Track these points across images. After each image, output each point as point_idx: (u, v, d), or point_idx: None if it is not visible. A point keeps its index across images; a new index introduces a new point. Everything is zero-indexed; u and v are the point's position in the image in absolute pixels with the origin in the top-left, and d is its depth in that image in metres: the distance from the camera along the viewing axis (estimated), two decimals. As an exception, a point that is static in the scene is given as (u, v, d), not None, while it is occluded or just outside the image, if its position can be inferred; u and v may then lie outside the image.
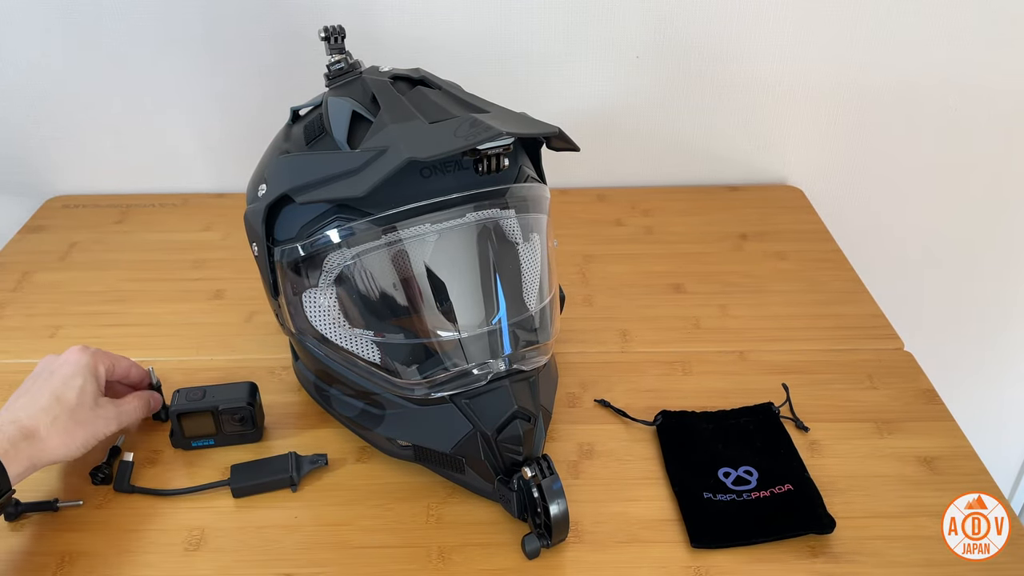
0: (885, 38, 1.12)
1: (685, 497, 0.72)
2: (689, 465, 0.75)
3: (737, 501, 0.72)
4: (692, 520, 0.70)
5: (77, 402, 0.69)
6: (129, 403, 0.75)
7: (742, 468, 0.75)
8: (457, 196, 0.67)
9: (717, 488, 0.73)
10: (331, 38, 0.75)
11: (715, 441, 0.77)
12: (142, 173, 1.21)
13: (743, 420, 0.79)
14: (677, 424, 0.79)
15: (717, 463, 0.75)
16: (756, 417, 0.80)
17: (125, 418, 0.74)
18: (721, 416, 0.80)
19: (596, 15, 1.10)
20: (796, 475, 0.74)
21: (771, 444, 0.77)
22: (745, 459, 0.75)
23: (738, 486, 0.73)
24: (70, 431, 0.68)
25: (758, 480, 0.73)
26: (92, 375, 0.72)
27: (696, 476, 0.74)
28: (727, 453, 0.76)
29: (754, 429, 0.79)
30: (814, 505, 0.71)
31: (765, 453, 0.76)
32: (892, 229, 1.30)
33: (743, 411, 0.81)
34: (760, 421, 0.79)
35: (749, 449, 0.76)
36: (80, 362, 0.72)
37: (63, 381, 0.70)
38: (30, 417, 0.67)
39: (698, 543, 0.69)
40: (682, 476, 0.74)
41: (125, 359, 0.78)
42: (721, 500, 0.72)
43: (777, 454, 0.76)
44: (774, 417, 0.80)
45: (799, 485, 0.73)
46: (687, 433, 0.78)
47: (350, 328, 0.72)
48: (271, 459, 0.75)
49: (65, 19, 1.09)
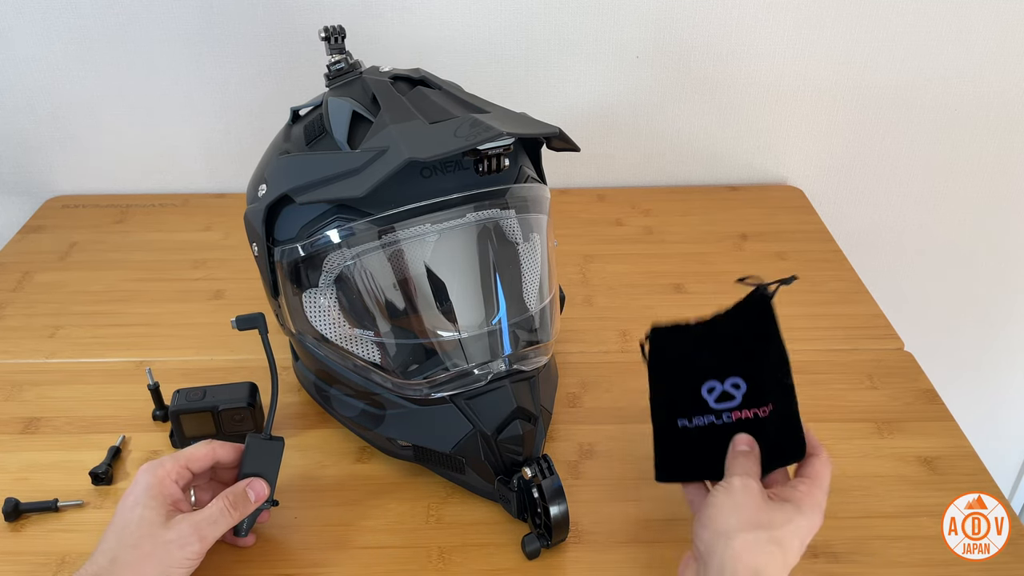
0: (885, 38, 1.13)
1: (659, 430, 0.68)
2: (673, 386, 0.68)
3: (715, 426, 0.67)
4: (660, 454, 0.67)
5: (138, 535, 0.61)
6: (208, 511, 0.64)
7: (729, 381, 0.68)
8: (457, 196, 0.67)
9: (696, 410, 0.67)
10: (331, 38, 0.75)
11: (704, 349, 0.69)
12: (142, 173, 1.21)
13: (736, 321, 0.68)
14: (667, 342, 0.69)
15: (703, 376, 0.68)
16: (749, 311, 0.68)
17: (208, 529, 0.63)
18: (714, 321, 0.69)
19: (596, 15, 1.10)
20: (779, 388, 0.66)
21: (761, 345, 0.68)
22: (734, 368, 0.68)
23: (722, 403, 0.67)
24: (137, 568, 0.60)
25: (744, 396, 0.67)
26: (156, 497, 0.63)
27: (677, 399, 0.68)
28: (714, 362, 0.68)
29: (744, 328, 0.68)
30: (786, 427, 0.65)
31: (754, 358, 0.68)
32: (892, 229, 1.30)
33: (738, 308, 0.69)
34: (752, 315, 0.68)
35: (739, 352, 0.68)
36: (139, 487, 0.64)
37: (122, 515, 0.63)
38: (94, 562, 0.60)
39: (661, 477, 0.67)
40: (661, 402, 0.68)
41: (203, 445, 0.68)
42: (697, 425, 0.67)
43: (765, 357, 0.67)
44: (766, 307, 0.67)
45: (779, 400, 0.66)
46: (676, 346, 0.69)
47: (350, 328, 0.72)
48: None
49: (65, 19, 1.09)
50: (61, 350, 0.92)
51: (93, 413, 0.83)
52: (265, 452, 0.69)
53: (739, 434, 0.65)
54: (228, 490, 0.66)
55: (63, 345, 0.92)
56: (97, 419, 0.82)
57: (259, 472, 0.68)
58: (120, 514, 0.63)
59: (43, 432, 0.81)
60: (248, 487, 0.66)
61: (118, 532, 0.62)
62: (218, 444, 0.68)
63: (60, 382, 0.87)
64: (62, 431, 0.81)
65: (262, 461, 0.69)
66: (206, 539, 0.63)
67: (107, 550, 0.61)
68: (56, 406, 0.84)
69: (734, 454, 0.63)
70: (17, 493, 0.73)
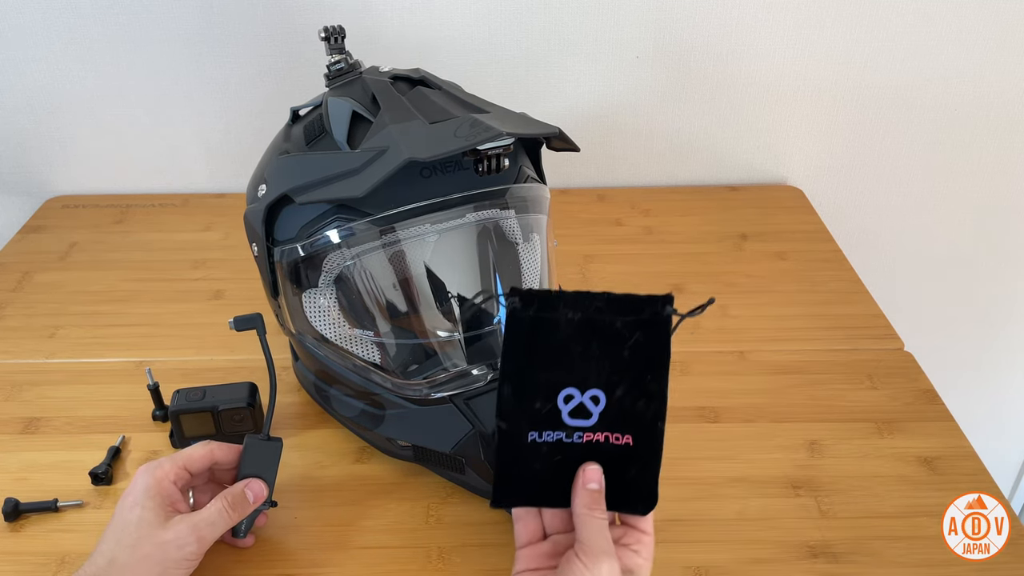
0: (885, 38, 1.12)
1: (506, 441, 0.58)
2: (534, 384, 0.58)
3: (563, 443, 0.58)
4: (504, 472, 0.58)
5: (136, 535, 0.61)
6: (206, 512, 0.64)
7: (589, 393, 0.58)
8: (457, 196, 0.67)
9: (548, 422, 0.58)
10: (331, 38, 0.75)
11: (575, 343, 0.58)
12: (142, 173, 1.21)
13: (619, 319, 0.58)
14: (535, 316, 0.57)
15: (564, 379, 0.58)
16: (635, 314, 0.58)
17: (206, 530, 0.63)
18: (596, 306, 0.58)
19: (596, 15, 1.10)
20: (645, 423, 0.58)
21: (640, 359, 0.58)
22: (598, 378, 0.58)
23: (575, 419, 0.58)
24: (136, 569, 0.60)
25: (601, 415, 0.58)
26: (154, 497, 0.63)
27: (535, 405, 0.58)
28: (580, 364, 0.58)
29: (627, 332, 0.58)
30: (641, 475, 0.58)
31: (627, 371, 0.58)
32: (892, 229, 1.30)
33: (625, 302, 0.58)
34: (641, 321, 0.58)
35: (610, 360, 0.58)
36: (137, 488, 0.64)
37: (121, 516, 0.63)
38: (93, 563, 0.61)
39: (500, 501, 0.59)
40: (514, 404, 0.58)
41: (201, 446, 0.67)
42: (547, 440, 0.58)
43: (642, 379, 0.58)
44: (660, 322, 0.58)
45: (641, 439, 0.58)
46: (545, 328, 0.58)
47: (350, 328, 0.72)
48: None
49: (65, 19, 1.09)
50: (61, 350, 0.92)
51: (93, 413, 0.83)
52: (264, 453, 0.69)
53: (591, 465, 0.57)
54: (226, 491, 0.65)
55: (63, 345, 0.92)
56: (97, 419, 0.82)
57: (258, 473, 0.68)
58: (118, 515, 0.63)
59: (43, 432, 0.81)
60: (247, 488, 0.66)
61: (116, 533, 0.62)
62: (216, 445, 0.68)
63: (60, 382, 0.87)
64: (62, 431, 0.81)
65: (261, 462, 0.68)
66: (204, 540, 0.63)
67: (105, 551, 0.61)
68: (56, 406, 0.84)
69: (584, 491, 0.57)
70: (17, 493, 0.73)
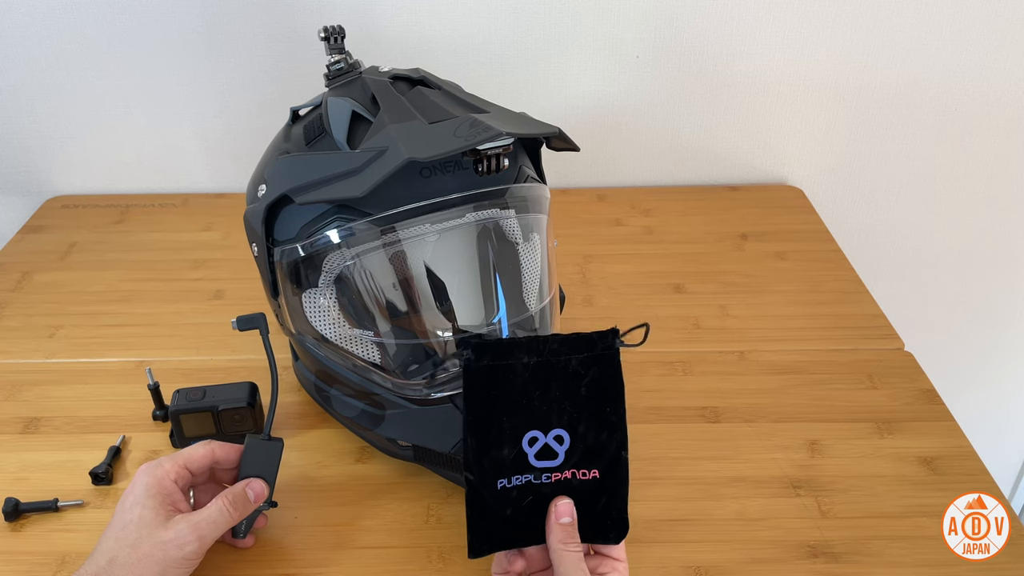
0: (885, 38, 1.12)
1: (475, 492, 0.59)
2: (493, 431, 0.59)
3: (532, 484, 0.60)
4: (477, 522, 0.59)
5: (137, 535, 0.61)
6: (207, 511, 0.63)
7: (552, 433, 0.60)
8: (457, 196, 0.67)
9: (515, 467, 0.59)
10: (331, 38, 0.75)
11: (533, 386, 0.60)
12: (142, 173, 1.21)
13: (573, 358, 0.60)
14: (491, 365, 0.59)
15: (527, 423, 0.59)
16: (589, 350, 0.60)
17: (207, 529, 0.62)
18: (550, 348, 0.60)
19: (596, 15, 1.10)
20: (609, 454, 0.60)
21: (598, 394, 0.60)
22: (560, 417, 0.60)
23: (541, 460, 0.60)
24: (136, 568, 0.60)
25: (567, 453, 0.60)
26: (154, 497, 0.63)
27: (497, 449, 0.59)
28: (541, 407, 0.60)
29: (582, 369, 0.60)
30: (611, 505, 0.61)
31: (586, 407, 0.60)
32: (892, 229, 1.30)
33: (578, 341, 0.60)
34: (594, 358, 0.60)
35: (569, 400, 0.60)
36: (138, 487, 0.64)
37: (121, 515, 0.63)
38: (93, 562, 0.60)
39: (477, 551, 0.60)
40: (480, 454, 0.59)
41: (201, 446, 0.67)
42: (516, 484, 0.59)
43: (601, 412, 0.60)
44: (611, 356, 0.60)
45: (607, 470, 0.60)
46: (502, 377, 0.59)
47: (350, 328, 0.72)
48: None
49: (65, 19, 1.09)
50: (61, 350, 0.92)
51: (93, 413, 0.83)
52: (264, 453, 0.69)
53: (563, 499, 0.60)
54: (227, 490, 0.65)
55: (63, 345, 0.92)
56: (97, 419, 0.82)
57: (258, 473, 0.68)
58: (119, 514, 0.63)
59: (43, 432, 0.81)
60: (247, 487, 0.66)
61: (117, 532, 0.62)
62: (217, 444, 0.68)
63: (60, 382, 0.87)
64: (62, 431, 0.81)
65: (261, 462, 0.69)
66: (205, 539, 0.62)
67: (106, 550, 0.61)
68: (56, 406, 0.84)
69: (557, 526, 0.59)
70: (17, 493, 0.73)
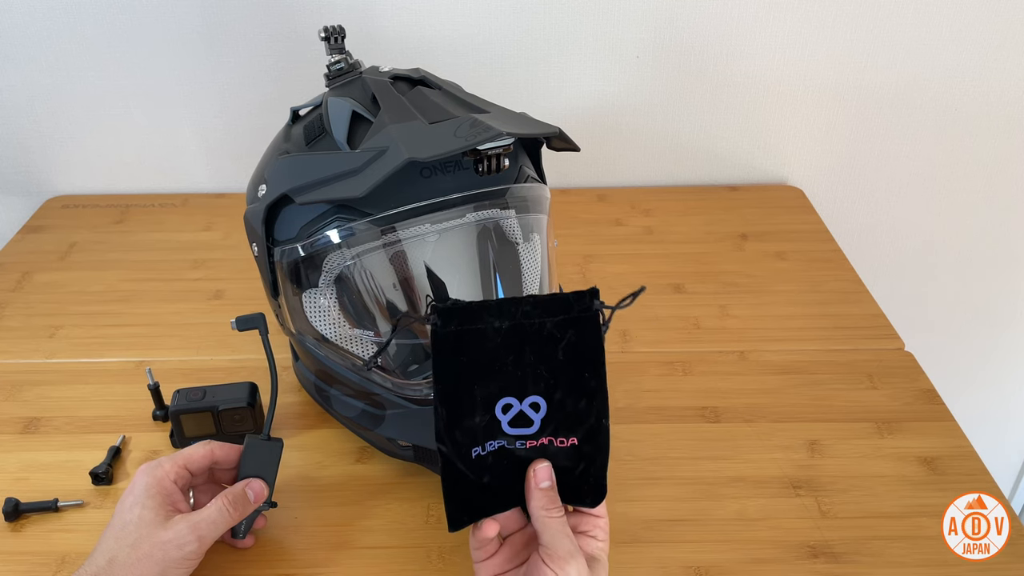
0: (885, 38, 1.12)
1: (450, 463, 0.57)
2: (464, 400, 0.57)
3: (505, 449, 0.58)
4: (453, 495, 0.58)
5: (136, 535, 0.61)
6: (206, 511, 0.63)
7: (528, 400, 0.57)
8: (457, 196, 0.67)
9: (488, 434, 0.57)
10: (331, 38, 0.75)
11: (506, 352, 0.57)
12: (142, 173, 1.21)
13: (548, 321, 0.57)
14: (458, 330, 0.56)
15: (500, 390, 0.57)
16: (565, 312, 0.57)
17: (206, 529, 0.62)
18: (523, 311, 0.57)
19: (596, 15, 1.10)
20: (589, 423, 0.58)
21: (575, 358, 0.57)
22: (536, 384, 0.57)
23: (515, 428, 0.58)
24: (135, 568, 0.60)
25: (543, 420, 0.58)
26: (154, 497, 0.63)
27: (473, 420, 0.57)
28: (515, 373, 0.57)
29: (558, 332, 0.57)
30: (588, 472, 0.59)
31: (564, 373, 0.57)
32: (892, 229, 1.30)
33: (553, 303, 0.57)
34: (571, 320, 0.57)
35: (545, 365, 0.57)
36: (137, 487, 0.64)
37: (121, 515, 0.63)
38: (93, 563, 0.60)
39: (457, 524, 0.58)
40: (452, 423, 0.57)
41: (201, 446, 0.67)
42: (489, 451, 0.58)
43: (580, 378, 0.58)
44: (590, 318, 0.57)
45: (586, 438, 0.58)
46: (471, 342, 0.56)
47: (350, 328, 0.72)
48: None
49: (65, 19, 1.09)
50: (61, 350, 0.92)
51: (93, 413, 0.83)
52: (264, 453, 0.69)
53: (541, 463, 0.59)
54: (227, 490, 0.65)
55: (63, 345, 0.92)
56: (97, 419, 0.82)
57: (258, 473, 0.68)
58: (118, 514, 0.63)
59: (43, 432, 0.81)
60: (247, 487, 0.66)
61: (116, 532, 0.62)
62: (216, 444, 0.68)
63: (60, 382, 0.87)
64: (62, 431, 0.81)
65: (261, 462, 0.68)
66: (204, 539, 0.62)
67: (106, 550, 0.61)
68: (56, 406, 0.84)
69: (538, 491, 0.58)
70: (17, 493, 0.73)
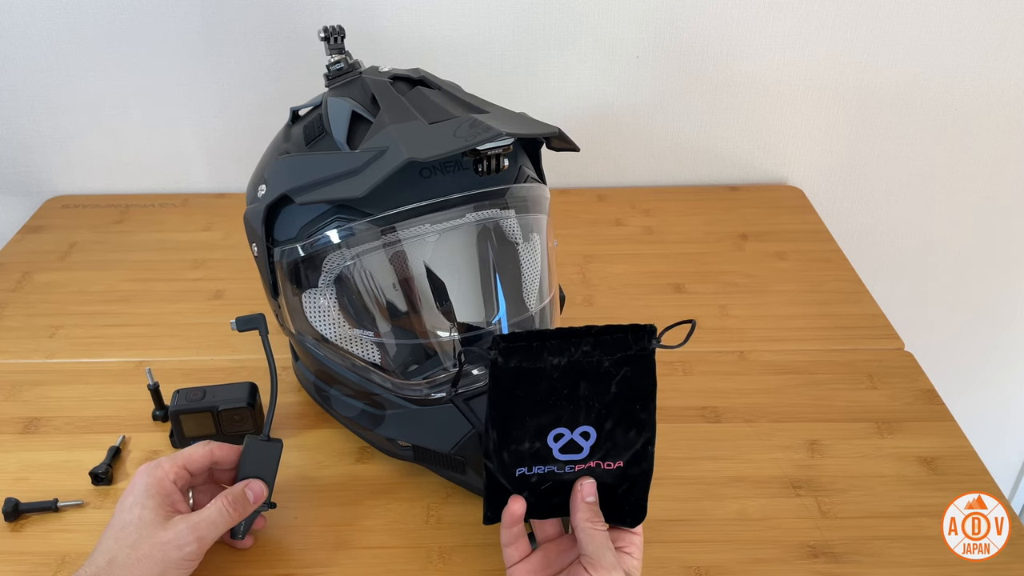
0: (885, 38, 1.12)
1: (495, 476, 0.61)
2: (515, 427, 0.60)
3: (555, 474, 0.61)
4: (493, 499, 0.62)
5: (136, 535, 0.61)
6: (206, 512, 0.63)
7: (579, 430, 0.60)
8: (457, 196, 0.67)
9: (537, 459, 0.60)
10: (331, 38, 0.75)
11: (562, 386, 0.59)
12: (142, 173, 1.21)
13: (606, 359, 0.59)
14: (518, 366, 0.58)
15: (552, 421, 0.60)
16: (623, 351, 0.59)
17: (206, 530, 0.62)
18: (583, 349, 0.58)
19: (596, 15, 1.10)
20: (636, 449, 0.61)
21: (628, 392, 0.60)
22: (588, 415, 0.60)
23: (565, 454, 0.61)
24: (135, 569, 0.60)
25: (592, 448, 0.60)
26: (154, 497, 0.63)
27: (519, 443, 0.60)
28: (568, 407, 0.59)
29: (614, 369, 0.59)
30: (631, 493, 0.62)
31: (616, 405, 0.60)
32: (892, 229, 1.30)
33: (612, 341, 0.58)
34: (627, 357, 0.59)
35: (599, 398, 0.59)
36: (137, 488, 0.64)
37: (120, 516, 0.63)
38: (92, 563, 0.60)
39: (491, 520, 0.62)
40: (499, 445, 0.60)
41: (201, 446, 0.68)
42: (537, 473, 0.61)
43: (631, 409, 0.60)
44: (646, 355, 0.59)
45: (632, 462, 0.61)
46: (529, 379, 0.59)
47: (350, 328, 0.72)
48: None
49: (65, 19, 1.09)
50: (61, 350, 0.92)
51: (93, 413, 0.83)
52: (263, 454, 0.69)
53: (587, 479, 0.62)
54: (227, 491, 0.65)
55: (63, 345, 0.92)
56: (97, 419, 0.82)
57: (257, 474, 0.68)
58: (118, 515, 0.63)
59: (43, 432, 0.81)
60: (247, 488, 0.66)
61: (116, 532, 0.62)
62: (216, 445, 0.68)
63: (60, 382, 0.87)
64: (62, 431, 0.81)
65: (260, 463, 0.68)
66: (204, 540, 0.62)
67: (105, 550, 0.61)
68: (56, 406, 0.84)
69: (584, 504, 0.61)
70: (17, 493, 0.73)
